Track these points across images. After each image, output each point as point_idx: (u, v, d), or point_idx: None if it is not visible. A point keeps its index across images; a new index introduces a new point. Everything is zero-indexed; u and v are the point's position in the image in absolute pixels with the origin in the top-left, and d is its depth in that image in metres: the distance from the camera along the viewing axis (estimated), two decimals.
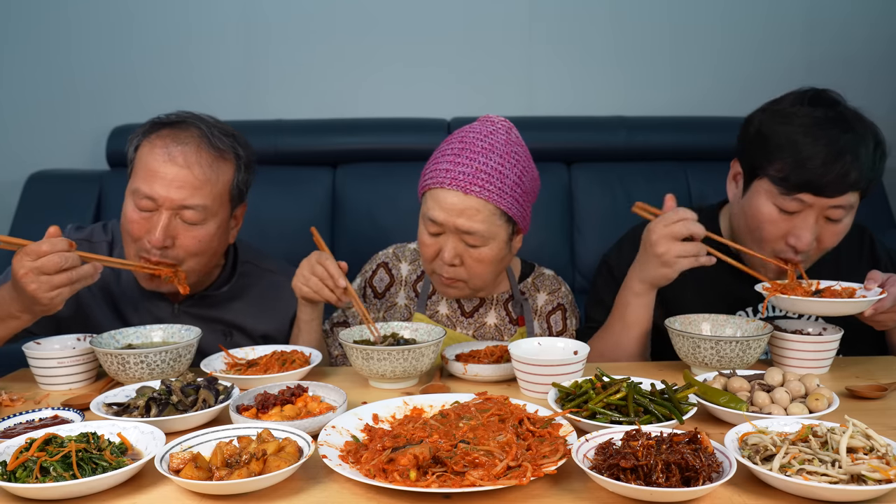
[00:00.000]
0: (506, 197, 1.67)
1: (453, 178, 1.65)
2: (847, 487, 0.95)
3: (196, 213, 1.67)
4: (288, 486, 1.05)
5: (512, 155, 1.70)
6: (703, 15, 3.34)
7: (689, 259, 1.54)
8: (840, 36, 3.35)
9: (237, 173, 1.75)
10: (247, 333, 1.89)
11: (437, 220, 1.68)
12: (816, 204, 1.58)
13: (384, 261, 1.98)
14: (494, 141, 1.69)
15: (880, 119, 1.66)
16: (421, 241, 1.76)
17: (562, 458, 1.04)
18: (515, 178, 1.69)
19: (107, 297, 1.83)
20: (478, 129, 1.72)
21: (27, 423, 1.28)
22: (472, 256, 1.71)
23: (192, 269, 1.74)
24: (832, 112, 1.59)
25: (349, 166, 3.17)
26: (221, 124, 1.78)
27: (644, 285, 1.63)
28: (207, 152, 1.68)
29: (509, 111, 3.24)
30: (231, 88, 3.29)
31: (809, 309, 1.52)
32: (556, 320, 1.90)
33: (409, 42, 3.31)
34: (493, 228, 1.68)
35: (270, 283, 1.92)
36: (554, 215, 3.12)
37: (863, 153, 1.55)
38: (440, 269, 1.74)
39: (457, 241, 1.70)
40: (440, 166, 1.69)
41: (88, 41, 3.26)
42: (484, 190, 1.64)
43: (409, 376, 1.50)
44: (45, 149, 3.28)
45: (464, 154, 1.67)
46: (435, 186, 1.69)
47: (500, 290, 1.91)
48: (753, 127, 1.68)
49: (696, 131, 3.11)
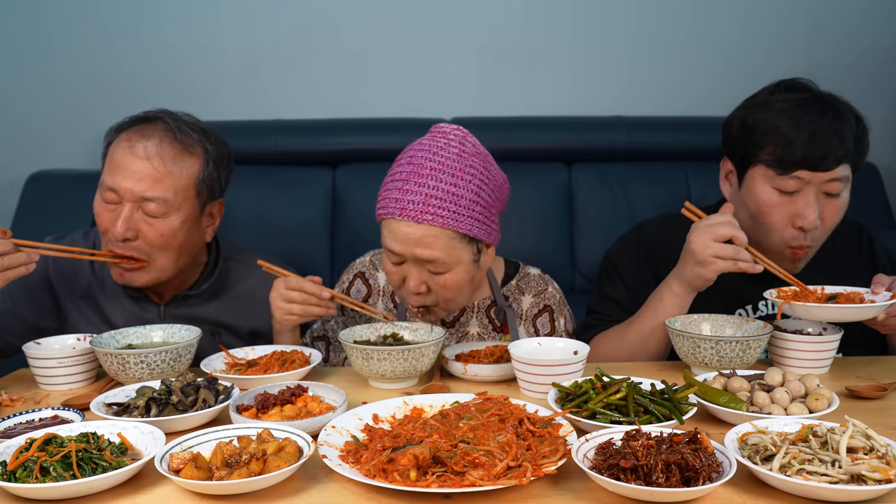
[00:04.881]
0: (462, 219, 1.57)
1: (402, 208, 1.56)
2: (847, 487, 0.95)
3: (157, 206, 1.67)
4: (288, 486, 1.05)
5: (466, 170, 1.58)
6: (704, 15, 3.34)
7: (727, 262, 1.53)
8: (842, 38, 3.35)
9: (204, 168, 1.75)
10: (234, 332, 1.88)
11: (394, 250, 1.61)
12: (813, 180, 1.62)
13: (361, 270, 1.92)
14: (445, 158, 1.58)
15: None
16: (386, 270, 1.69)
17: (562, 458, 1.04)
18: (472, 195, 1.58)
19: (91, 303, 1.83)
20: (427, 146, 1.62)
21: (27, 423, 1.28)
22: (437, 283, 1.64)
23: (162, 265, 1.73)
24: (808, 94, 1.67)
25: (349, 166, 3.17)
26: (193, 120, 1.79)
27: (682, 285, 1.62)
28: (171, 145, 1.70)
29: (509, 111, 3.26)
30: (231, 88, 3.29)
31: (824, 315, 1.52)
32: (542, 323, 1.83)
33: (408, 42, 3.30)
34: (454, 253, 1.60)
35: (254, 279, 1.91)
36: (554, 215, 3.12)
37: (846, 126, 1.62)
38: (408, 298, 1.70)
39: (419, 269, 1.62)
40: (390, 195, 1.59)
41: (89, 41, 3.26)
42: (437, 217, 1.55)
43: (409, 376, 1.50)
44: (45, 149, 3.28)
45: (412, 179, 1.57)
46: (387, 216, 1.60)
47: (480, 296, 1.84)
48: (736, 123, 1.73)
49: (696, 131, 3.11)
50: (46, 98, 3.29)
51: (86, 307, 1.83)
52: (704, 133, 3.11)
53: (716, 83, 3.30)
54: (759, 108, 1.68)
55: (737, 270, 1.54)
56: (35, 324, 1.79)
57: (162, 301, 1.85)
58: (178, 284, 1.85)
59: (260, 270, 1.89)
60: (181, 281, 1.85)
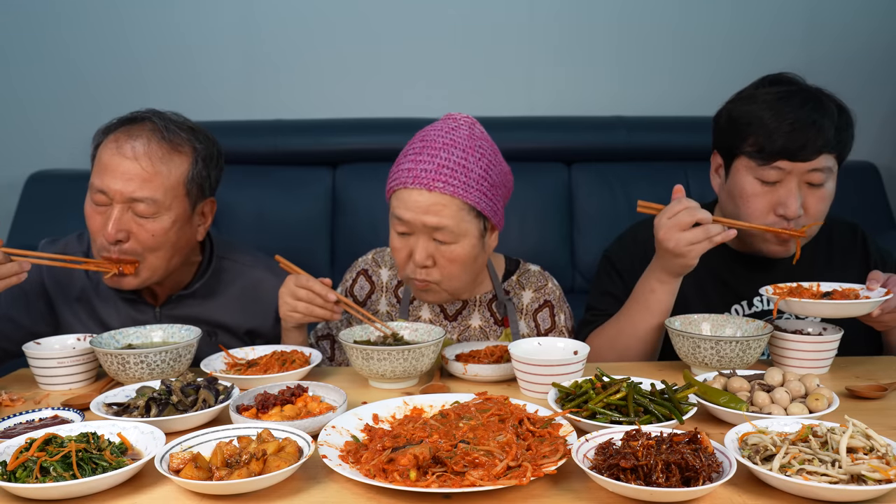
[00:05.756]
0: (472, 191, 1.64)
1: (415, 177, 1.63)
2: (847, 487, 0.95)
3: (147, 207, 1.67)
4: (288, 486, 1.05)
5: (476, 149, 1.67)
6: (704, 15, 3.35)
7: (703, 244, 1.54)
8: (840, 36, 3.36)
9: (193, 167, 1.74)
10: (231, 332, 1.88)
11: (403, 218, 1.65)
12: (795, 170, 1.64)
13: (363, 268, 1.95)
14: (457, 137, 1.67)
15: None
16: (392, 246, 1.73)
17: (562, 458, 1.04)
18: (481, 171, 1.66)
19: (86, 307, 1.83)
20: (439, 127, 1.71)
21: (27, 423, 1.28)
22: (444, 256, 1.68)
23: (154, 266, 1.73)
24: (793, 87, 1.70)
25: (349, 166, 3.17)
26: (181, 119, 1.78)
27: (668, 274, 1.63)
28: (159, 145, 1.69)
29: (509, 111, 3.26)
30: (231, 88, 3.29)
31: (819, 311, 1.52)
32: (543, 318, 1.86)
33: (408, 42, 3.31)
34: (462, 224, 1.65)
35: (249, 277, 1.91)
36: (554, 215, 3.13)
37: (827, 116, 1.64)
38: (413, 273, 1.71)
39: (427, 240, 1.67)
40: (403, 166, 1.67)
41: (89, 41, 3.26)
42: (447, 185, 1.62)
43: (409, 376, 1.50)
44: (45, 149, 3.28)
45: (425, 152, 1.65)
46: (399, 187, 1.66)
47: (482, 290, 1.88)
48: (723, 117, 1.77)
49: (695, 131, 3.10)
50: (46, 98, 3.29)
51: (81, 311, 1.83)
52: (704, 133, 3.08)
53: (716, 83, 3.28)
54: (744, 101, 1.72)
55: (715, 245, 1.55)
56: (31, 329, 1.79)
57: (157, 302, 1.84)
58: (172, 285, 1.85)
59: (256, 269, 1.89)
60: (175, 281, 1.84)
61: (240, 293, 1.90)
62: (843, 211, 1.97)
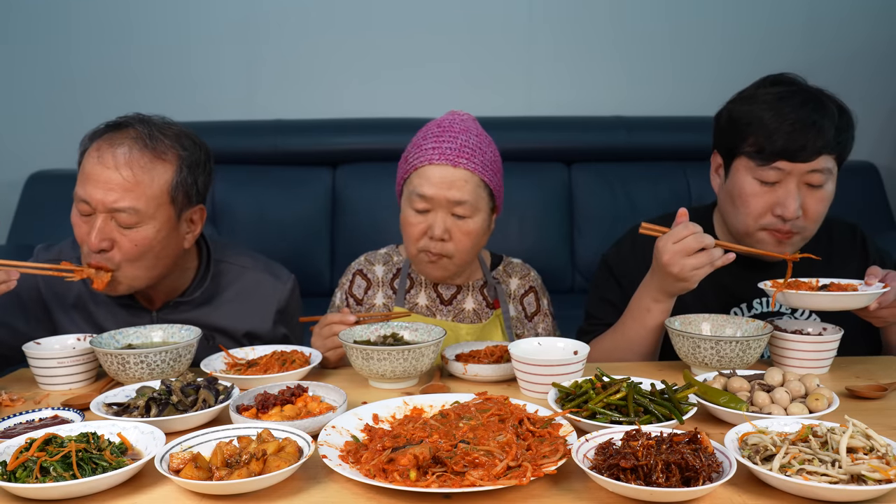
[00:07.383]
0: (487, 170, 1.80)
1: (441, 153, 1.76)
2: (847, 487, 0.95)
3: (129, 216, 1.64)
4: (288, 486, 1.05)
5: (485, 137, 1.85)
6: (704, 15, 3.35)
7: (705, 269, 1.55)
8: (840, 36, 3.35)
9: (178, 174, 1.70)
10: (229, 335, 1.86)
11: (426, 194, 1.76)
12: (794, 171, 1.64)
13: (358, 269, 2.02)
14: (467, 125, 1.84)
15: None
16: (407, 222, 1.83)
17: (562, 458, 1.04)
18: (492, 155, 1.83)
19: (82, 312, 1.82)
20: (449, 118, 1.86)
21: (27, 423, 1.28)
22: (460, 229, 1.79)
23: (135, 275, 1.70)
24: (793, 87, 1.70)
25: (349, 166, 3.17)
26: (166, 124, 1.75)
27: (665, 295, 1.64)
28: (141, 153, 1.66)
29: (509, 111, 3.26)
30: (231, 88, 3.29)
31: (816, 303, 1.52)
32: (529, 302, 2.00)
33: (408, 42, 3.31)
34: (479, 201, 1.80)
35: (246, 279, 1.89)
36: (554, 215, 3.13)
37: (827, 117, 1.63)
38: (428, 246, 1.80)
39: (446, 214, 1.78)
40: (426, 145, 1.80)
41: (88, 41, 3.26)
42: (470, 162, 1.77)
43: (409, 376, 1.50)
44: (45, 149, 3.28)
45: (445, 134, 1.80)
46: (424, 163, 1.78)
47: (475, 277, 2.00)
48: (723, 117, 1.77)
49: (695, 131, 3.12)
50: (46, 98, 3.29)
51: (78, 317, 1.82)
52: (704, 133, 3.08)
53: (716, 83, 3.28)
54: (744, 101, 1.72)
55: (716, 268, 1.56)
56: (28, 335, 1.77)
57: (153, 307, 1.83)
58: (168, 290, 1.82)
59: (252, 271, 1.90)
60: (171, 287, 1.82)
61: (237, 296, 1.88)
62: (843, 211, 1.97)
